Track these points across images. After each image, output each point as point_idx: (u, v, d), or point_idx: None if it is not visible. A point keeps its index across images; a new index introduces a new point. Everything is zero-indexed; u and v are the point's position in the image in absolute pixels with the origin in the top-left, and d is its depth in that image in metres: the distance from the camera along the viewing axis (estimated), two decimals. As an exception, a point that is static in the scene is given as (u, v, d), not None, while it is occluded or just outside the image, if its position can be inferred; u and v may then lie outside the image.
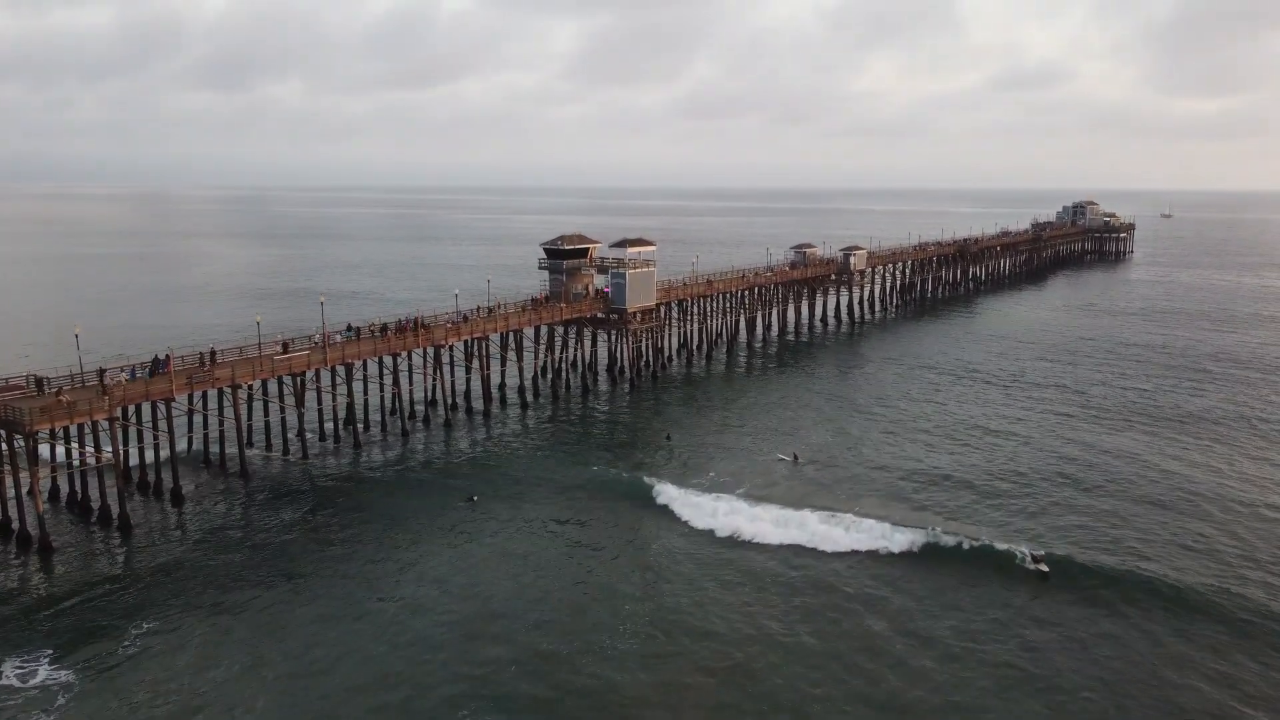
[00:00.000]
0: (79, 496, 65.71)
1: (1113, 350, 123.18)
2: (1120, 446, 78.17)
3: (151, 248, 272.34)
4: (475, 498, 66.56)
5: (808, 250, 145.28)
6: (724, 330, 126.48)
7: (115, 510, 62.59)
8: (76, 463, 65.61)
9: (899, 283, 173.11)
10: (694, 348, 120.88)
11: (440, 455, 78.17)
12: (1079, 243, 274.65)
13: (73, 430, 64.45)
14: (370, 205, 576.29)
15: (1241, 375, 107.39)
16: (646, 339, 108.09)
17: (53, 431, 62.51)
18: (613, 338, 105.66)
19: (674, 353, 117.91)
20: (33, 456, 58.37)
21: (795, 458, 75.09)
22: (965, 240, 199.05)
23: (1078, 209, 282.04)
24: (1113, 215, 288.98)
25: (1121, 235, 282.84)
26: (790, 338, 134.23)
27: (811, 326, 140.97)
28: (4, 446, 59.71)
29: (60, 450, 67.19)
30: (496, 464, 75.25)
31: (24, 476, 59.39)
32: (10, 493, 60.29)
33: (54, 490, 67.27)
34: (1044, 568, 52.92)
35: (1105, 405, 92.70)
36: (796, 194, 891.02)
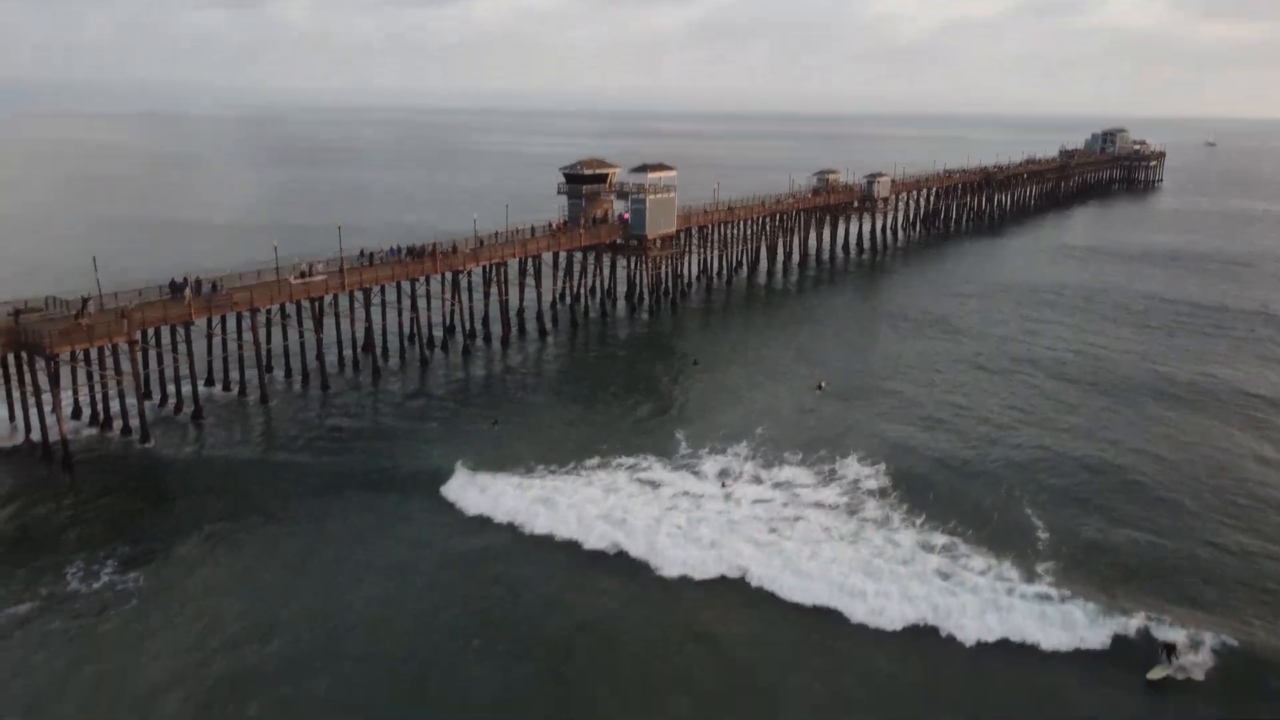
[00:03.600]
0: (101, 417, 66.02)
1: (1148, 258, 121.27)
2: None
3: (162, 170, 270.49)
4: (497, 422, 66.56)
5: (830, 176, 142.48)
6: (745, 258, 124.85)
7: (137, 429, 63.08)
8: (98, 384, 65.73)
9: (923, 210, 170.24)
10: (714, 275, 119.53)
11: (460, 381, 77.95)
12: (1107, 171, 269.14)
13: (93, 354, 64.41)
14: (382, 126, 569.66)
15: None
16: (666, 266, 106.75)
17: (73, 354, 62.49)
18: (632, 264, 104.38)
19: (694, 280, 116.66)
20: (54, 378, 58.49)
21: (820, 386, 74.63)
22: (991, 168, 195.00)
23: (1107, 137, 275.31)
24: (1142, 143, 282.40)
25: (1151, 164, 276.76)
26: (812, 266, 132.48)
27: (833, 254, 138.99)
28: (27, 368, 60.44)
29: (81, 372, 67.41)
30: (516, 390, 75.03)
31: (47, 397, 59.81)
32: (34, 412, 61.01)
33: (76, 409, 67.60)
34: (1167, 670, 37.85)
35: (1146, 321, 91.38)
36: (818, 118, 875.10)
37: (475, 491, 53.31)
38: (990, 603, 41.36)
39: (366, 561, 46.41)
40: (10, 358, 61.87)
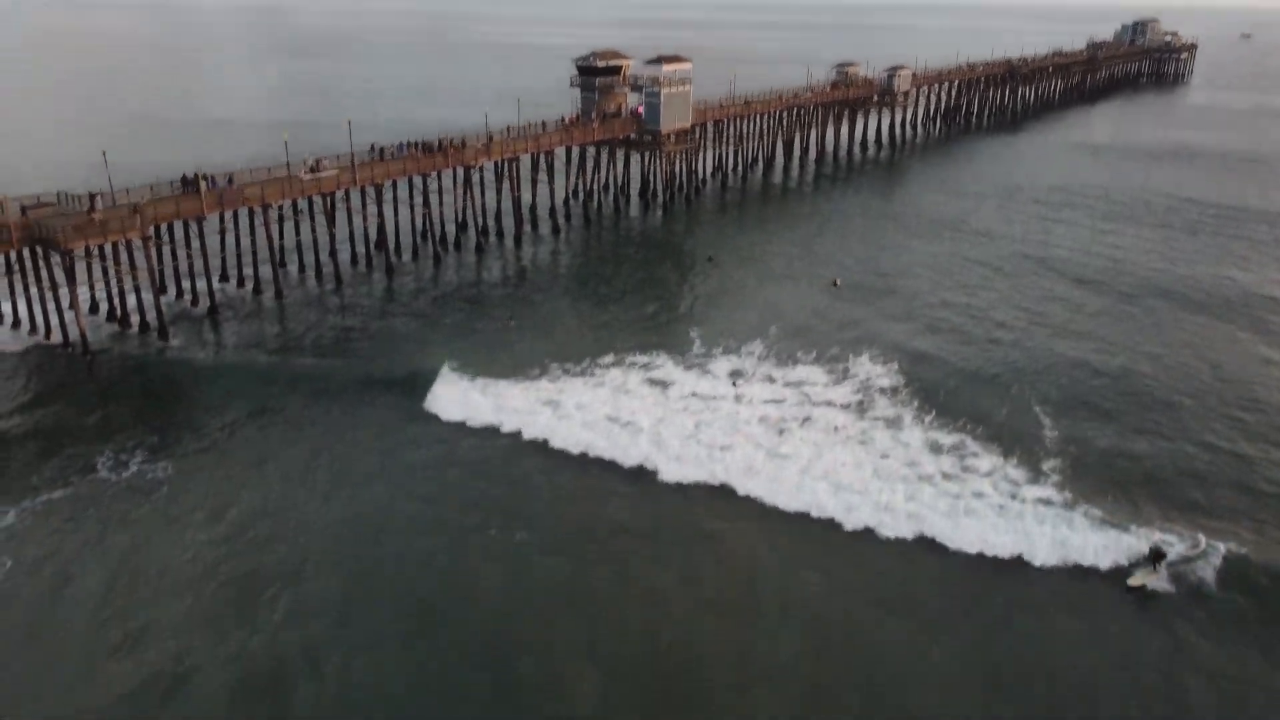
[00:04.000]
0: (118, 313, 66.51)
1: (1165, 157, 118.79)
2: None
3: (172, 63, 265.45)
4: (513, 319, 66.89)
5: (849, 69, 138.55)
6: (760, 153, 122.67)
7: (154, 323, 63.70)
8: (114, 279, 66.00)
9: (943, 105, 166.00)
10: (729, 171, 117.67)
11: (473, 279, 77.91)
12: (1136, 64, 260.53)
13: (107, 249, 64.50)
14: (395, 17, 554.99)
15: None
16: (681, 161, 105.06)
17: (88, 249, 62.61)
18: (646, 160, 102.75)
19: (708, 176, 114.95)
20: (70, 273, 58.73)
21: (835, 283, 74.43)
22: (1015, 60, 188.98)
23: (1137, 27, 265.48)
24: (1174, 35, 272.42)
25: (1181, 56, 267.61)
26: (829, 162, 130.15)
27: (851, 150, 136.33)
28: (42, 264, 60.72)
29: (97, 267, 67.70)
30: (530, 288, 75.01)
31: (64, 293, 60.23)
32: (52, 306, 61.55)
33: (93, 305, 68.10)
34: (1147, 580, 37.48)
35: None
36: (837, 8, 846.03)
37: (481, 394, 53.33)
38: (993, 507, 41.59)
39: (379, 460, 47.24)
40: (26, 253, 62.07)
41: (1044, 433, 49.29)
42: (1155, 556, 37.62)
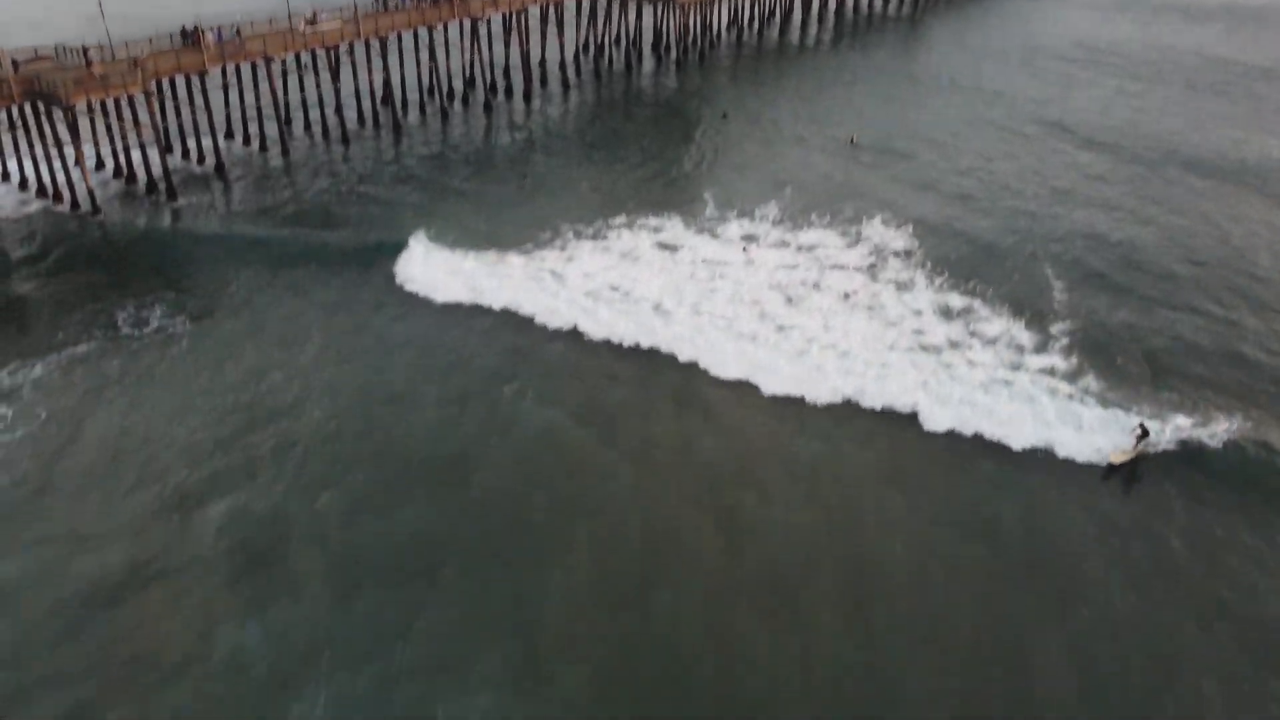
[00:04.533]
0: (124, 171, 65.89)
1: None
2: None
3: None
4: (527, 176, 66.25)
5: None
6: (778, 7, 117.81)
7: (161, 180, 63.18)
8: (118, 136, 65.07)
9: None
10: (745, 25, 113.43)
11: (482, 135, 76.57)
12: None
13: (109, 105, 63.30)
14: None
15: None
16: (695, 15, 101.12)
17: (89, 105, 61.44)
18: (659, 13, 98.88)
19: (723, 30, 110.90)
20: (74, 129, 57.86)
21: (853, 140, 73.02)
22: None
23: None
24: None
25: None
26: (849, 16, 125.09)
27: (872, 6, 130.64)
28: (45, 119, 59.79)
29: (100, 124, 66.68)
30: (539, 147, 73.76)
31: (68, 150, 59.57)
32: (58, 165, 60.98)
33: (99, 163, 67.42)
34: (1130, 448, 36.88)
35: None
36: None
37: (477, 264, 52.21)
38: (994, 380, 41.09)
39: (385, 325, 47.46)
40: (27, 109, 60.99)
41: (1053, 298, 49.00)
42: (1141, 433, 36.78)
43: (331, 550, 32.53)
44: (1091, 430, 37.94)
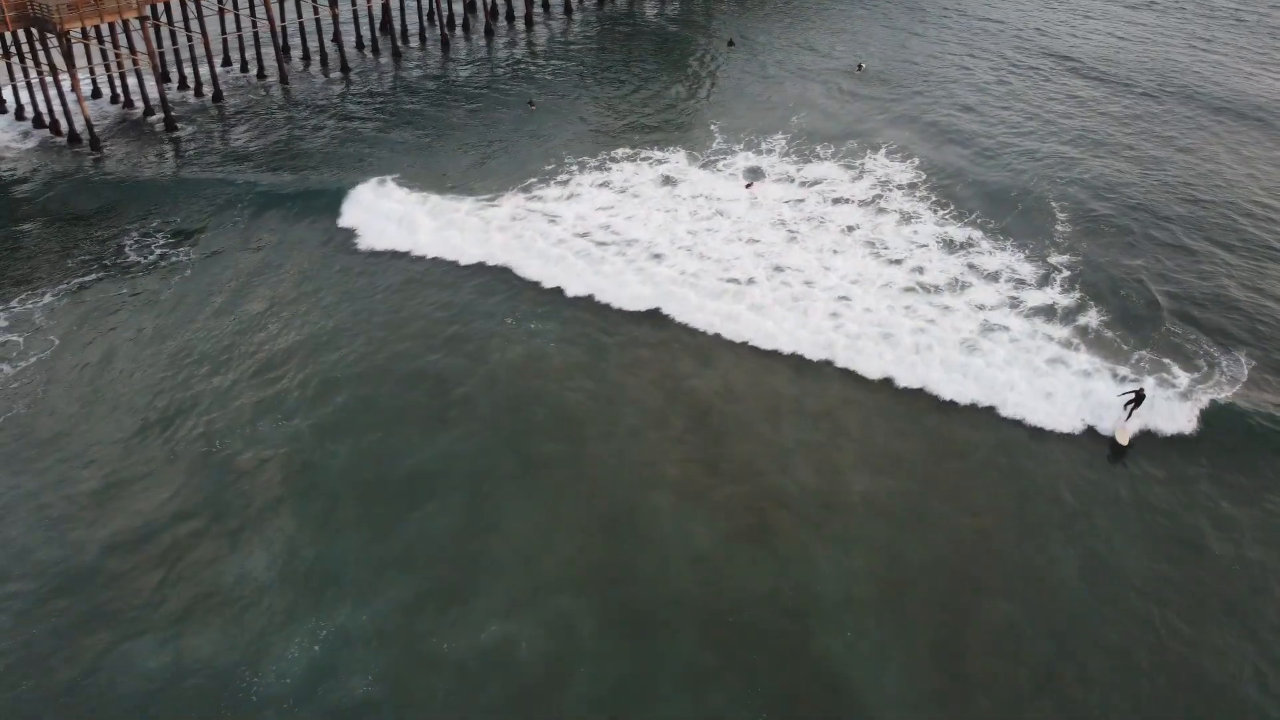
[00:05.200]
0: (121, 99, 65.19)
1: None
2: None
3: None
4: (534, 103, 65.73)
5: None
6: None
7: (159, 109, 62.60)
8: (114, 64, 64.24)
9: None
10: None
11: (484, 64, 75.27)
12: None
13: (104, 30, 62.39)
14: None
15: None
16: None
17: (84, 31, 60.49)
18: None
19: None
20: (69, 56, 57.12)
21: (860, 67, 71.92)
22: None
23: None
24: None
25: None
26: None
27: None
28: (40, 46, 59.07)
29: (95, 51, 65.81)
30: (543, 74, 72.51)
31: (64, 78, 58.87)
32: (54, 94, 60.36)
33: (95, 91, 66.67)
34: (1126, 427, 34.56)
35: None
36: None
37: (473, 205, 51.04)
38: (989, 326, 40.56)
39: (378, 266, 47.01)
40: (21, 35, 60.13)
41: (1055, 229, 48.73)
42: (1135, 400, 34.56)
43: (330, 478, 33.21)
44: (1077, 396, 36.35)
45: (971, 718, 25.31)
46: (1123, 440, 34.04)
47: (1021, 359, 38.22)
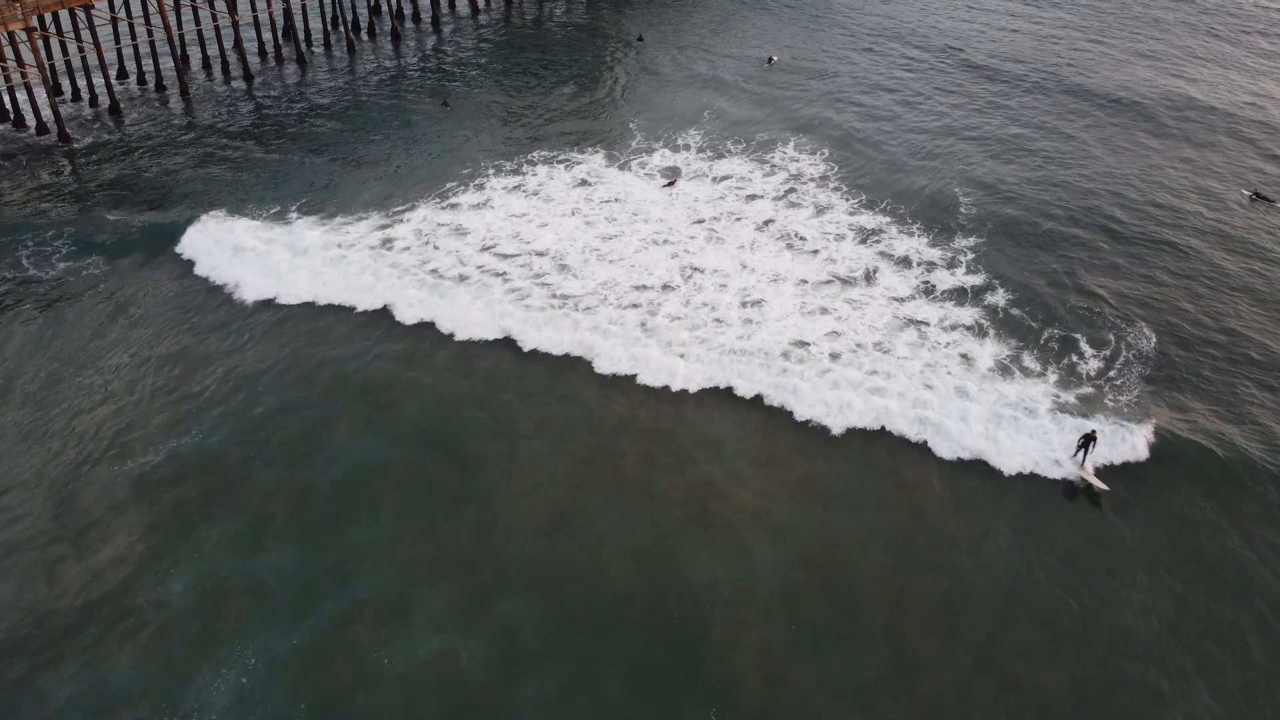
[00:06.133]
0: (11, 115, 62.50)
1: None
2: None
3: None
4: (448, 104, 65.80)
5: None
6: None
7: (52, 124, 60.31)
8: (0, 76, 61.51)
9: None
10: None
11: (392, 67, 74.19)
12: None
13: (-12, 44, 59.62)
14: None
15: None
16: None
17: (-33, 45, 57.88)
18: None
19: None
20: (-48, 74, 54.62)
21: (770, 60, 73.16)
22: None
23: None
24: None
25: None
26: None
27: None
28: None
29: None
30: (453, 76, 71.84)
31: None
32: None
33: (-17, 108, 63.81)
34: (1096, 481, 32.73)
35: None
36: None
37: (384, 214, 50.28)
38: (900, 322, 42.22)
39: (242, 319, 43.98)
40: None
41: (959, 214, 50.54)
42: (1084, 442, 33.01)
43: (259, 493, 32.52)
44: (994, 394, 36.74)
45: (915, 700, 26.04)
46: (1098, 483, 32.78)
47: (939, 356, 38.90)
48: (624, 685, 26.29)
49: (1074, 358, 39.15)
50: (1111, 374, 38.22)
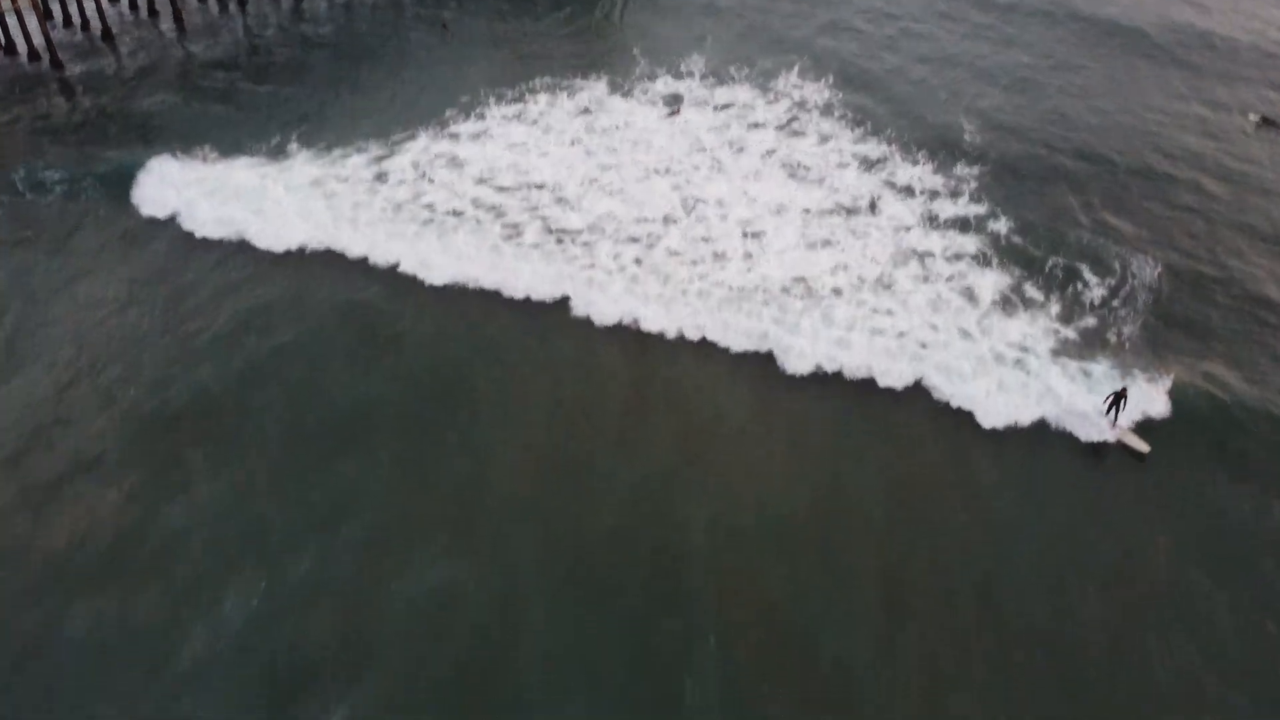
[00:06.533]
0: (2, 40, 61.41)
1: None
2: None
3: None
4: (447, 25, 64.75)
5: None
6: None
7: (44, 51, 59.57)
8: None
9: None
10: None
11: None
12: None
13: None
14: None
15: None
16: None
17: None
18: None
19: None
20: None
21: None
22: None
23: None
24: None
25: None
26: None
27: None
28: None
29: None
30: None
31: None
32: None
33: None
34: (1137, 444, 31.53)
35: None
36: None
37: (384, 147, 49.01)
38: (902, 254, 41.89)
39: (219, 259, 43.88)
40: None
41: (963, 140, 49.96)
42: (1116, 399, 31.86)
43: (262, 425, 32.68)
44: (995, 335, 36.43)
45: (910, 636, 26.31)
46: (1137, 445, 31.60)
47: (942, 290, 38.49)
48: (621, 614, 26.69)
49: (1078, 286, 38.81)
50: (1115, 304, 37.94)
